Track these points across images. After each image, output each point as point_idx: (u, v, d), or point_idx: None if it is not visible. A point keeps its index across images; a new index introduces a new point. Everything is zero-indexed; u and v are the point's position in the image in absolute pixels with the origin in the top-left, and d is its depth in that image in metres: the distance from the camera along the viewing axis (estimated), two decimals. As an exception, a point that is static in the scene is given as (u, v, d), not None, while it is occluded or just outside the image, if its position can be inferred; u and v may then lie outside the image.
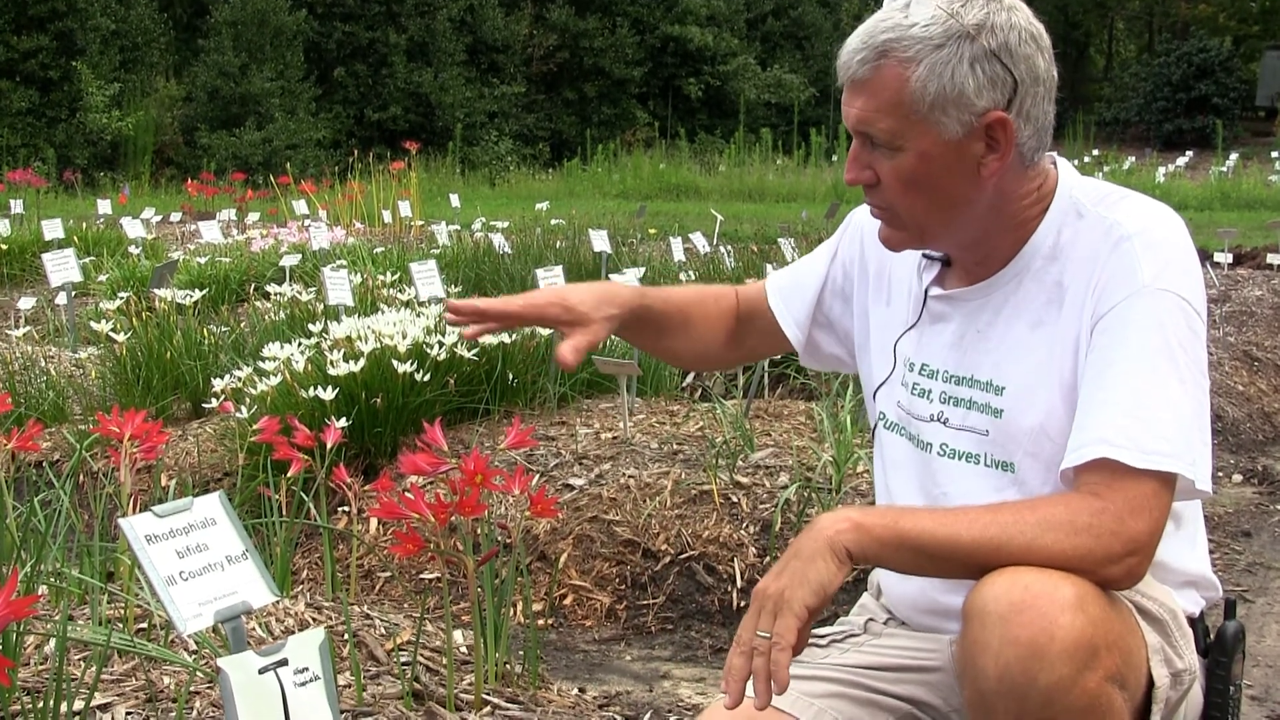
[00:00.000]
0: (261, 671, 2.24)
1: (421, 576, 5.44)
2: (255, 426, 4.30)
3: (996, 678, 2.03)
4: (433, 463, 3.43)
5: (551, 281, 7.01)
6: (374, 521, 5.59)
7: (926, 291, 2.49)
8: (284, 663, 2.27)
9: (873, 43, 2.24)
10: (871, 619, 2.62)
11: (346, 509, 5.66)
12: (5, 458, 3.92)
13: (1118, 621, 2.13)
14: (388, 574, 5.48)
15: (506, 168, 37.37)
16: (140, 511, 3.69)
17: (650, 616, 5.14)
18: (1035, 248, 2.35)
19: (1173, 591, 2.35)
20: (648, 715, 3.91)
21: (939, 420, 2.44)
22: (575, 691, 3.90)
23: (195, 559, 2.33)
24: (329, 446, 4.26)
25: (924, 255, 2.50)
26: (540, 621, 4.57)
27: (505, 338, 6.67)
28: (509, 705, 3.52)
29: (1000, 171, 2.28)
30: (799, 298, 2.75)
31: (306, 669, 2.31)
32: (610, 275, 7.82)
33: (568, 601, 5.26)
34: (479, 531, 3.81)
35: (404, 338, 6.33)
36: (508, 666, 3.74)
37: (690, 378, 8.80)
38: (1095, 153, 37.92)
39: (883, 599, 2.65)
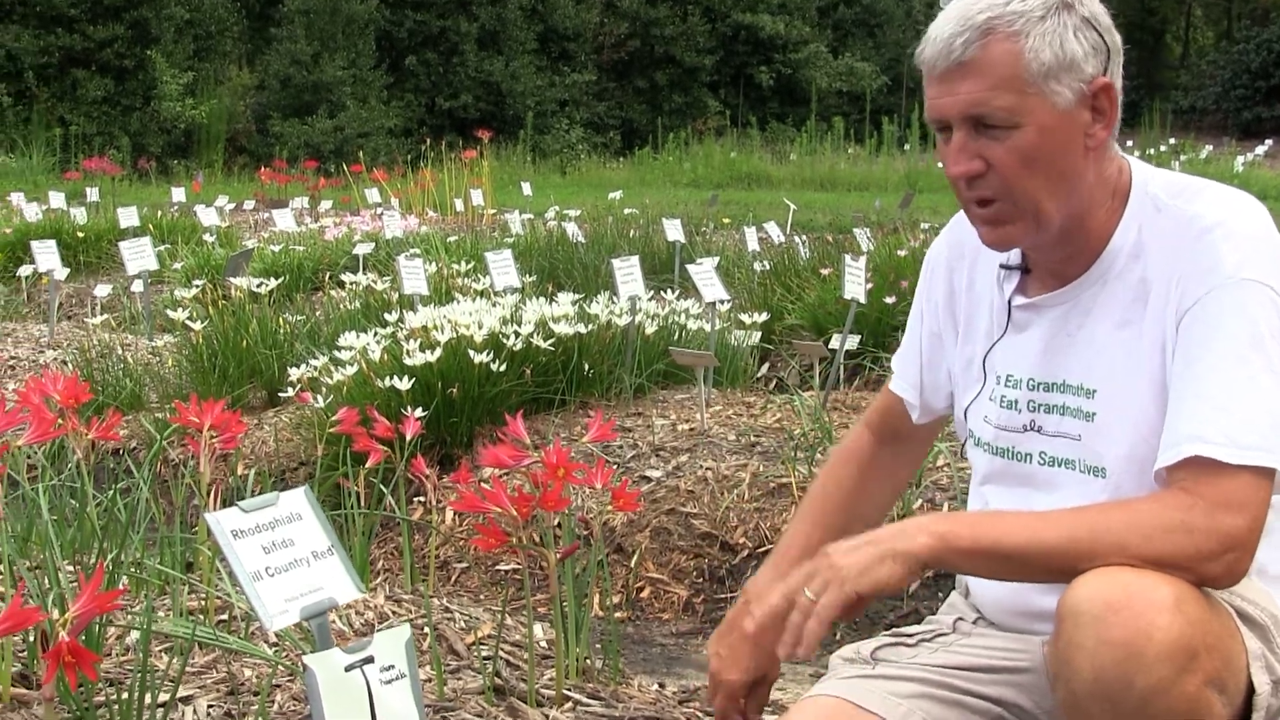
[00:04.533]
0: (348, 669, 2.21)
1: (497, 568, 5.42)
2: (334, 417, 4.28)
3: (1091, 679, 1.98)
4: (515, 455, 3.40)
5: (628, 273, 6.97)
6: (449, 512, 5.57)
7: (1010, 302, 2.43)
8: (370, 660, 2.24)
9: (973, 23, 2.19)
10: (960, 618, 2.56)
11: (422, 499, 5.65)
12: (85, 446, 3.91)
13: (1217, 624, 2.07)
14: (463, 565, 5.46)
15: (577, 156, 37.35)
16: (220, 504, 3.69)
17: (728, 610, 5.10)
18: (1118, 247, 2.30)
19: (1275, 595, 2.29)
20: (727, 711, 3.86)
21: (1033, 429, 2.39)
22: (655, 687, 3.86)
23: (281, 554, 2.30)
24: (408, 438, 4.24)
25: (1002, 266, 2.45)
26: (616, 614, 4.53)
27: (581, 328, 6.64)
28: (591, 701, 3.48)
29: (1103, 143, 2.26)
30: (916, 370, 2.70)
31: (392, 666, 2.28)
32: (686, 265, 7.76)
33: (644, 594, 5.23)
34: (558, 524, 3.76)
35: (480, 327, 6.31)
36: (588, 661, 3.70)
37: (764, 369, 8.76)
38: (1171, 142, 37.39)
39: (971, 598, 2.59)
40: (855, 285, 6.42)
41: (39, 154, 29.99)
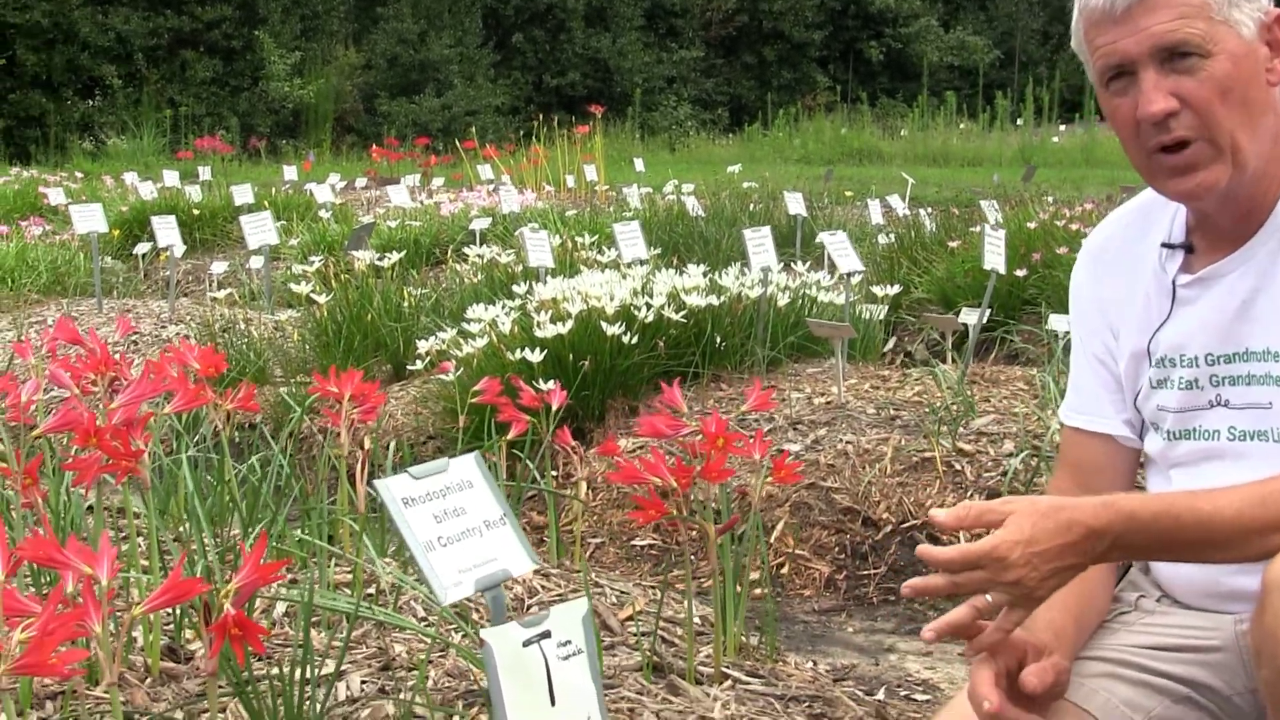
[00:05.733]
0: (525, 644, 2.10)
1: (633, 544, 5.31)
2: (474, 388, 4.17)
3: None
4: (673, 425, 3.28)
5: (760, 244, 6.84)
6: (583, 486, 5.46)
7: (1174, 282, 2.30)
8: (547, 635, 2.13)
9: None
10: (1142, 595, 2.42)
11: (554, 472, 5.54)
12: (223, 418, 3.82)
13: None
14: (598, 540, 5.36)
15: (686, 133, 37.17)
16: (366, 475, 3.59)
17: (871, 587, 4.97)
18: None
19: None
20: (881, 691, 3.72)
21: (1220, 404, 2.27)
22: (809, 665, 3.74)
23: (453, 524, 2.20)
24: (554, 409, 4.13)
25: (1164, 245, 2.36)
26: (757, 591, 4.40)
27: (713, 299, 6.51)
28: (750, 679, 3.36)
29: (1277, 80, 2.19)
30: (1094, 398, 2.52)
31: (569, 642, 2.17)
32: (821, 236, 7.60)
33: (785, 571, 5.10)
34: (703, 498, 3.62)
35: (612, 299, 6.19)
36: (743, 638, 3.58)
37: (891, 343, 8.60)
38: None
39: (1153, 575, 2.44)
40: (995, 255, 6.24)
41: (149, 135, 30.21)
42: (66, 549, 2.13)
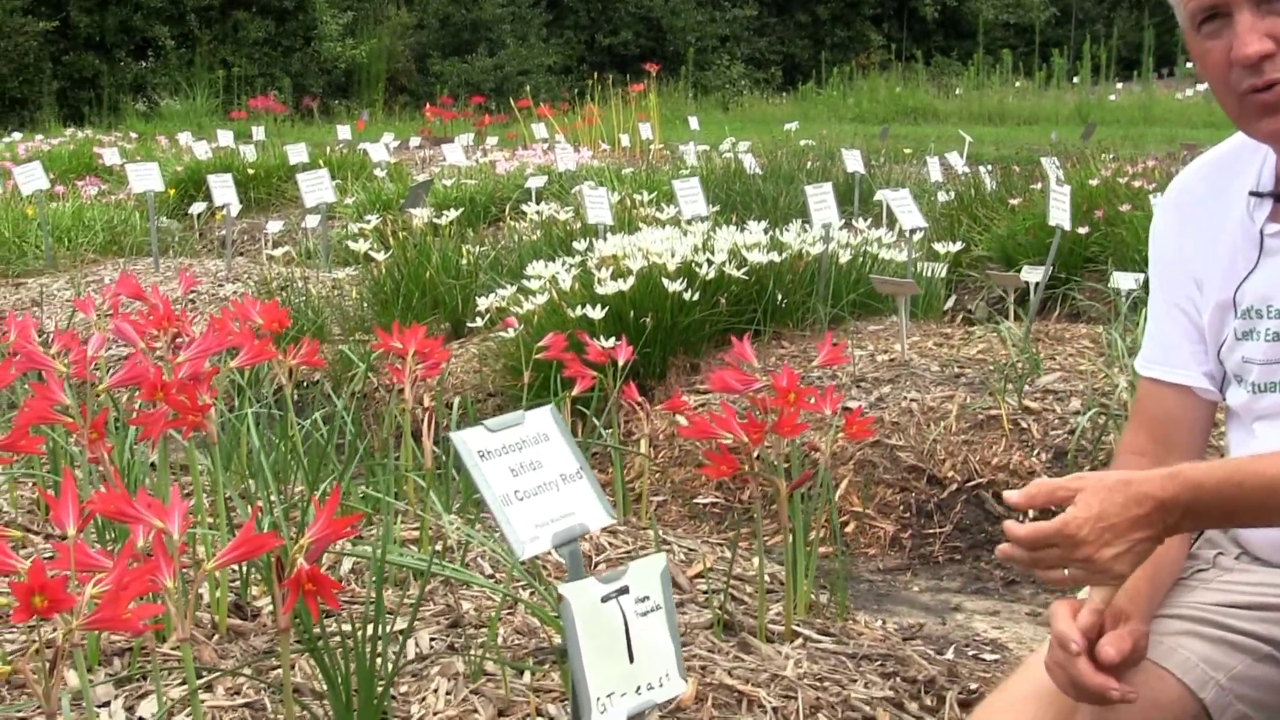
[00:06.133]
0: (604, 600, 2.05)
1: (695, 500, 5.27)
2: (540, 344, 4.12)
3: None
4: (743, 380, 3.22)
5: (821, 200, 6.77)
6: (643, 443, 5.42)
7: (1262, 231, 2.23)
8: (625, 590, 2.09)
9: None
10: (1220, 553, 2.36)
11: (615, 430, 5.50)
12: (287, 373, 3.79)
13: None
14: (660, 498, 5.32)
15: (739, 92, 36.99)
16: (432, 432, 3.55)
17: (937, 546, 4.91)
18: None
19: None
20: (950, 651, 3.66)
21: None
22: (878, 624, 3.69)
23: (529, 477, 2.15)
24: (621, 364, 4.08)
25: (1251, 194, 2.28)
26: (821, 549, 4.35)
27: (774, 256, 6.44)
28: (821, 637, 3.32)
29: None
30: (1174, 348, 2.44)
31: (647, 597, 2.12)
32: (883, 193, 7.53)
33: (849, 529, 5.05)
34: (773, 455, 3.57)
35: (673, 255, 6.14)
36: (812, 597, 3.54)
37: (951, 301, 8.51)
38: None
39: (1230, 531, 2.38)
40: (1060, 212, 6.15)
41: (202, 96, 30.21)
42: (137, 503, 2.10)
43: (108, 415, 3.04)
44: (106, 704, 2.69)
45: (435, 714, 2.64)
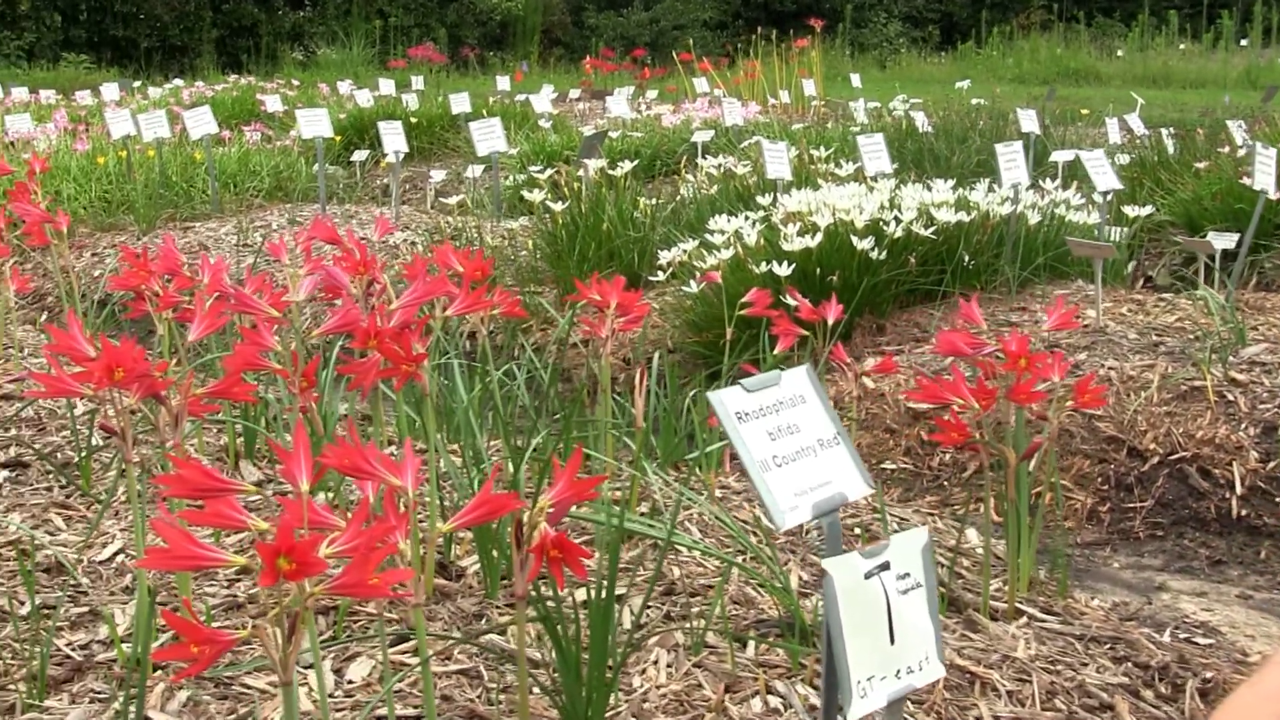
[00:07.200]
0: (866, 576, 1.91)
1: (882, 467, 5.11)
2: (744, 299, 3.97)
3: None
4: (972, 343, 3.07)
5: (1011, 159, 6.57)
6: (853, 406, 5.28)
7: None
8: (886, 566, 1.94)
9: None
10: None
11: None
12: (484, 325, 3.68)
13: None
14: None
15: (896, 50, 36.56)
16: (644, 389, 3.42)
17: (1137, 521, 4.71)
18: None
19: None
20: (1165, 634, 3.48)
21: None
22: (1095, 602, 3.52)
23: (787, 442, 2.01)
24: (831, 323, 3.93)
25: None
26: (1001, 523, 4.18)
27: (964, 216, 6.24)
28: (1046, 616, 3.17)
29: None
30: None
31: (908, 574, 1.98)
32: (1079, 153, 7.30)
33: (1045, 500, 4.87)
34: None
35: (860, 212, 5.96)
36: (1031, 573, 3.37)
37: (1131, 266, 8.27)
38: None
39: None
40: (1265, 176, 5.92)
41: (358, 45, 30.36)
42: (370, 458, 1.99)
43: (319, 362, 2.95)
44: (311, 666, 2.60)
45: (658, 688, 2.52)
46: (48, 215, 5.22)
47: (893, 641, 1.93)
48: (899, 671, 1.94)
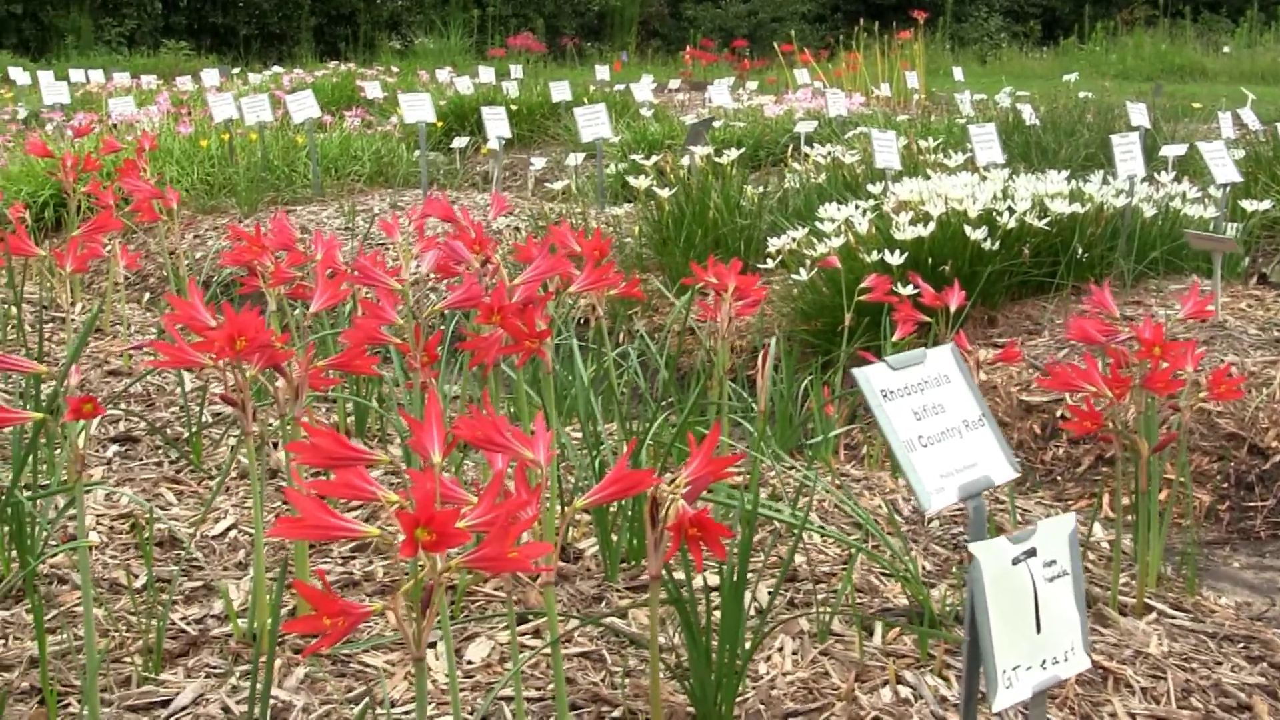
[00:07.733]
0: (1014, 562, 1.84)
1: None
2: (863, 285, 3.90)
3: None
4: (1104, 330, 2.99)
5: (1127, 150, 6.46)
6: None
7: None
8: (1032, 552, 1.87)
9: None
10: None
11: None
12: (602, 306, 3.63)
13: None
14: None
15: (997, 45, 36.24)
16: (766, 372, 3.36)
17: (1258, 520, 4.60)
18: None
19: None
20: (1291, 633, 3.38)
21: None
22: (1223, 601, 3.42)
23: (932, 422, 1.95)
24: (954, 310, 3.86)
25: None
26: (1128, 518, 4.09)
27: (1078, 207, 6.14)
28: (1176, 613, 3.08)
29: None
30: None
31: (1054, 561, 1.91)
32: (1198, 144, 7.16)
33: (1161, 496, 4.77)
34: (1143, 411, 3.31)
35: (974, 202, 5.87)
36: (1159, 568, 3.29)
37: (1247, 261, 8.13)
38: None
39: None
40: (1387, 171, 5.77)
41: (456, 34, 30.41)
42: (503, 429, 1.94)
43: (441, 337, 2.91)
44: (433, 644, 2.56)
45: (785, 675, 2.46)
46: (157, 191, 5.22)
47: (1039, 630, 1.87)
48: (1044, 662, 1.87)
